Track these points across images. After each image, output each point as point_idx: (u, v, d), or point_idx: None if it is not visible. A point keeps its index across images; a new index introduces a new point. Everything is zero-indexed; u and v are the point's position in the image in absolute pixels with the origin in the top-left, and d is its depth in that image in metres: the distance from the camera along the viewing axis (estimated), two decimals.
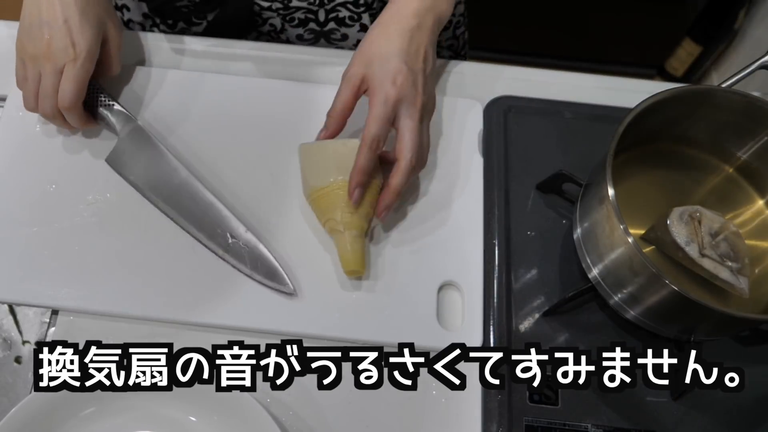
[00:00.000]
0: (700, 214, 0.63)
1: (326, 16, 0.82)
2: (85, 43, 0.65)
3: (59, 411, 0.58)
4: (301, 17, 0.82)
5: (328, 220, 0.66)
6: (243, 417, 0.58)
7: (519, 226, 0.70)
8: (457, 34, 0.92)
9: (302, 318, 0.65)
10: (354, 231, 0.65)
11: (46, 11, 0.65)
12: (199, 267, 0.66)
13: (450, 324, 0.66)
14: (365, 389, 0.56)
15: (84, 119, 0.69)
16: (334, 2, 0.80)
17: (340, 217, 0.65)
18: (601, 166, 0.60)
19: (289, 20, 0.82)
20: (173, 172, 0.69)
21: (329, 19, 0.82)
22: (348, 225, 0.65)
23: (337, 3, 0.80)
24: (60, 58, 0.65)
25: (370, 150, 0.63)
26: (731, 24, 1.64)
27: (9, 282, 0.65)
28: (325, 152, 0.67)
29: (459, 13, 0.91)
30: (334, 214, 0.65)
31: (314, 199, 0.67)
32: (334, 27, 0.83)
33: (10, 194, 0.69)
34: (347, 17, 0.81)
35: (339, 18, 0.82)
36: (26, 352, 0.64)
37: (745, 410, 0.63)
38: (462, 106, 0.77)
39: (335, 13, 0.81)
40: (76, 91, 0.66)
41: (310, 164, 0.67)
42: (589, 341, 0.66)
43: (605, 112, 0.76)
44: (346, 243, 0.65)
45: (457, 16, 0.91)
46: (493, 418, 0.62)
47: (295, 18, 0.82)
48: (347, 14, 0.81)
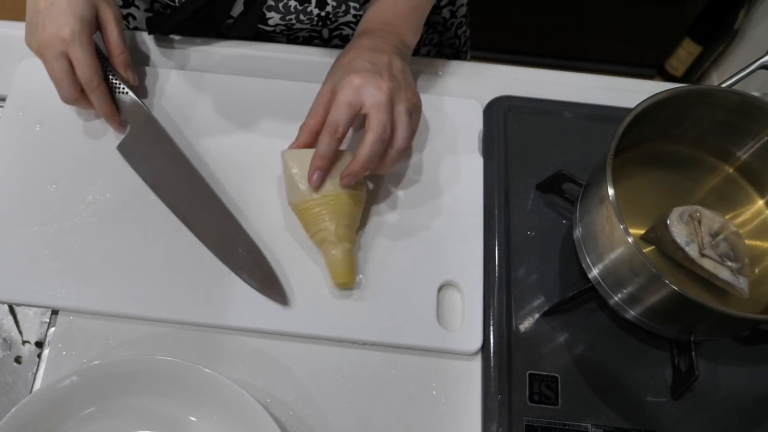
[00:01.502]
0: (700, 214, 0.63)
1: (330, 34, 0.82)
2: (74, 21, 0.65)
3: (59, 411, 0.58)
4: (305, 36, 0.82)
5: (318, 231, 0.65)
6: (243, 417, 0.58)
7: (519, 226, 0.70)
8: (459, 33, 0.93)
9: (302, 318, 0.65)
10: (347, 244, 0.65)
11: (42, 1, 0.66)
12: (199, 267, 0.66)
13: (450, 324, 0.66)
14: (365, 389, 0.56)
15: (109, 103, 0.69)
16: (337, 22, 0.80)
17: (335, 229, 0.64)
18: (601, 166, 0.60)
19: (294, 39, 0.83)
20: (182, 167, 0.69)
21: (333, 36, 0.82)
22: (342, 238, 0.65)
23: (341, 22, 0.80)
24: (56, 43, 0.65)
25: (330, 135, 0.63)
26: (731, 24, 1.64)
27: (9, 282, 0.65)
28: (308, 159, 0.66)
29: (461, 15, 0.91)
30: (326, 226, 0.64)
31: (303, 209, 0.65)
32: (339, 44, 0.83)
33: (10, 194, 0.69)
34: (350, 35, 0.81)
35: (343, 35, 0.82)
36: (26, 352, 0.64)
37: (745, 410, 0.63)
38: (462, 106, 0.77)
39: (339, 31, 0.82)
40: (88, 71, 0.66)
41: (301, 172, 0.66)
42: (589, 341, 0.66)
43: (605, 112, 0.76)
44: (338, 256, 0.64)
45: (459, 17, 0.91)
46: (493, 418, 0.62)
47: (300, 37, 0.82)
48: (350, 32, 0.81)
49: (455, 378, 0.64)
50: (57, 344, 0.64)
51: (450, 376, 0.64)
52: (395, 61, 0.67)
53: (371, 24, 0.72)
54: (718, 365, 0.65)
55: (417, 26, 0.74)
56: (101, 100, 0.68)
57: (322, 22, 0.79)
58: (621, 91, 0.78)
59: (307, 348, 0.65)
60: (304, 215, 0.66)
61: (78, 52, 0.65)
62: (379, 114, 0.63)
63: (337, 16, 0.79)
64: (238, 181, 0.71)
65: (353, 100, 0.63)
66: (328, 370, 0.64)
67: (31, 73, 0.74)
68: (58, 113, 0.73)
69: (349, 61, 0.66)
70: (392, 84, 0.64)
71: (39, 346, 0.64)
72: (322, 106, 0.65)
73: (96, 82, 0.67)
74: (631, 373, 0.64)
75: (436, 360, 0.65)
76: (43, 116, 0.73)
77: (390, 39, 0.69)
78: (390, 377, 0.64)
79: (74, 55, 0.65)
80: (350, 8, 0.78)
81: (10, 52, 0.69)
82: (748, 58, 0.84)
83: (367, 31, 0.71)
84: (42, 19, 0.65)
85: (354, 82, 0.63)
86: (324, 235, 0.65)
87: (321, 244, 0.66)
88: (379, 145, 0.63)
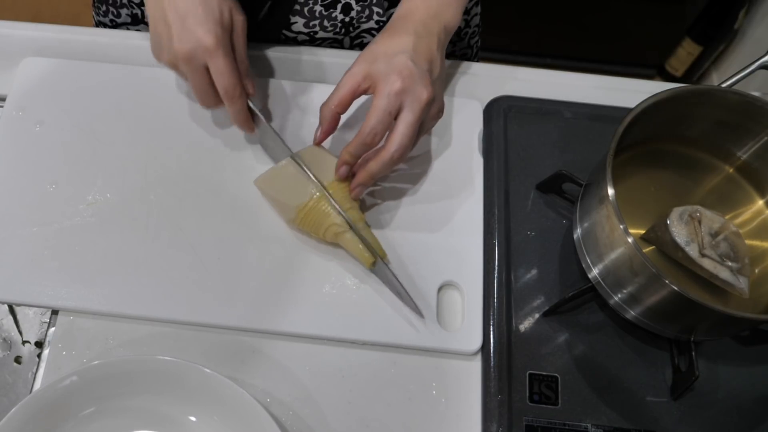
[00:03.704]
0: (700, 214, 0.63)
1: (351, 42, 0.82)
2: (216, 29, 0.62)
3: (59, 411, 0.58)
4: (326, 46, 0.82)
5: (329, 227, 0.65)
6: (243, 417, 0.58)
7: (519, 226, 0.70)
8: (472, 43, 0.92)
9: (302, 318, 0.65)
10: (360, 224, 0.65)
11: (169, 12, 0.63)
12: (200, 267, 0.66)
13: (450, 324, 0.66)
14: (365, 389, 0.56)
15: (246, 112, 0.68)
16: (359, 29, 0.79)
17: (343, 218, 0.64)
18: (601, 166, 0.60)
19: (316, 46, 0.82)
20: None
21: (354, 45, 0.82)
22: (354, 219, 0.65)
23: (362, 30, 0.80)
24: (198, 53, 0.63)
25: (363, 143, 0.62)
26: (731, 24, 1.64)
27: (9, 282, 0.65)
28: (287, 171, 0.66)
29: (475, 24, 0.90)
30: (333, 219, 0.64)
31: (302, 217, 0.65)
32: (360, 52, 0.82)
33: (10, 194, 0.69)
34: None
35: (364, 44, 0.81)
36: (26, 352, 0.64)
37: (745, 410, 0.63)
38: (462, 106, 0.77)
39: (360, 39, 0.81)
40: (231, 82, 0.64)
41: (281, 189, 0.66)
42: (589, 341, 0.66)
43: (605, 112, 0.76)
44: (357, 238, 0.64)
45: (473, 26, 0.90)
46: (493, 418, 0.62)
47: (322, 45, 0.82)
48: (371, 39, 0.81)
49: (455, 378, 0.64)
50: (57, 344, 0.64)
51: (450, 376, 0.64)
52: (436, 61, 0.66)
53: (416, 2, 0.68)
54: (718, 365, 0.65)
55: (462, 6, 0.70)
56: (239, 109, 0.67)
57: (345, 29, 0.79)
58: (621, 91, 0.78)
59: (307, 348, 0.65)
60: (306, 222, 0.66)
61: (221, 61, 0.63)
62: (406, 133, 0.63)
63: (360, 21, 0.78)
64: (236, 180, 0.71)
65: (394, 108, 0.62)
66: (328, 370, 0.64)
67: (31, 73, 0.75)
68: (58, 113, 0.73)
69: (393, 53, 0.64)
70: (428, 96, 0.63)
71: (39, 346, 0.64)
72: (352, 88, 0.64)
73: (238, 92, 0.65)
74: (631, 373, 0.64)
75: (436, 360, 0.65)
76: (43, 116, 0.73)
77: (434, 27, 0.66)
78: (390, 377, 0.64)
79: (217, 64, 0.63)
80: (374, 13, 0.77)
81: (10, 52, 0.69)
82: (748, 58, 0.84)
83: (410, 12, 0.67)
84: (176, 31, 0.62)
85: (396, 86, 0.62)
86: (335, 229, 0.65)
87: (336, 238, 0.65)
88: (392, 165, 0.64)
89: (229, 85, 0.64)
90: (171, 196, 0.70)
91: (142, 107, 0.74)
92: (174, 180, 0.70)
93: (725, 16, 1.64)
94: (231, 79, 0.64)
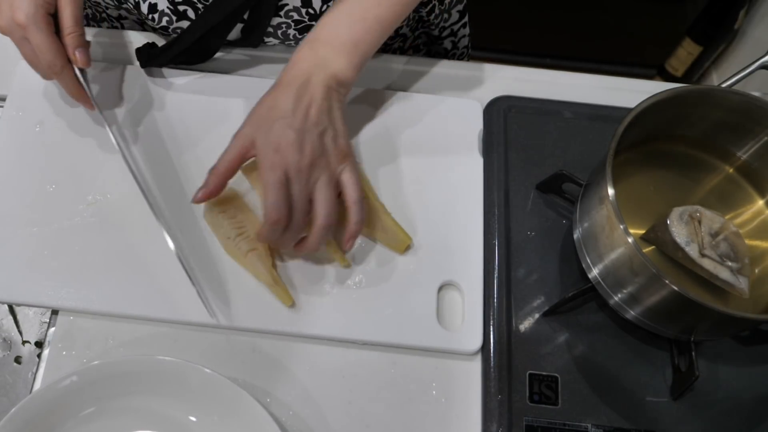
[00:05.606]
0: (700, 214, 0.63)
1: None
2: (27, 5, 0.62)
3: (59, 411, 0.58)
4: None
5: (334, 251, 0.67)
6: (243, 417, 0.58)
7: (519, 226, 0.70)
8: (459, 44, 0.92)
9: (302, 318, 0.65)
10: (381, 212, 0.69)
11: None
12: (200, 267, 0.66)
13: (450, 324, 0.66)
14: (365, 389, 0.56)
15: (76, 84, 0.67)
16: None
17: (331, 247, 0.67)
18: (601, 166, 0.60)
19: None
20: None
21: None
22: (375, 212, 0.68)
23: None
24: (15, 28, 0.63)
25: (269, 223, 0.61)
26: (731, 24, 1.64)
27: (9, 282, 0.65)
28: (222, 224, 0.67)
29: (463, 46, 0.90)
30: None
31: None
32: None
33: (10, 194, 0.69)
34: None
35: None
36: (26, 352, 0.64)
37: (745, 410, 0.63)
38: (462, 106, 0.77)
39: None
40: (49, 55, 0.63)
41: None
42: (589, 341, 0.66)
43: (605, 112, 0.76)
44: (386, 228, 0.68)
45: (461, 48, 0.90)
46: (493, 418, 0.62)
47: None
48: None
49: (455, 378, 0.64)
50: (57, 344, 0.64)
51: (450, 376, 0.64)
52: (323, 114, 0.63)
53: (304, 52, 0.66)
54: (718, 365, 0.65)
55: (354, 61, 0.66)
56: (67, 81, 0.67)
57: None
58: (621, 91, 0.78)
59: (307, 348, 0.65)
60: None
61: (35, 36, 0.62)
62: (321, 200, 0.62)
63: None
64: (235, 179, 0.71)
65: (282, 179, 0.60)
66: (328, 370, 0.64)
67: (31, 73, 0.74)
68: (58, 113, 0.73)
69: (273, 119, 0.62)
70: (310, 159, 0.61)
71: (39, 346, 0.64)
72: (239, 154, 0.63)
73: (59, 65, 0.64)
74: (631, 373, 0.64)
75: (436, 360, 0.65)
76: (43, 116, 0.73)
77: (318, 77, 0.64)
78: (390, 377, 0.64)
79: (32, 40, 0.63)
80: None
81: (10, 52, 0.69)
82: (748, 58, 0.84)
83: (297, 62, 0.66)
84: (2, 3, 0.63)
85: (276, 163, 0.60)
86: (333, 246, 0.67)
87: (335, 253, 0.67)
88: (326, 232, 0.63)
89: (46, 60, 0.64)
90: (171, 196, 0.70)
91: (142, 107, 0.74)
92: (174, 180, 0.70)
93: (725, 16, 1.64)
94: (47, 54, 0.63)
